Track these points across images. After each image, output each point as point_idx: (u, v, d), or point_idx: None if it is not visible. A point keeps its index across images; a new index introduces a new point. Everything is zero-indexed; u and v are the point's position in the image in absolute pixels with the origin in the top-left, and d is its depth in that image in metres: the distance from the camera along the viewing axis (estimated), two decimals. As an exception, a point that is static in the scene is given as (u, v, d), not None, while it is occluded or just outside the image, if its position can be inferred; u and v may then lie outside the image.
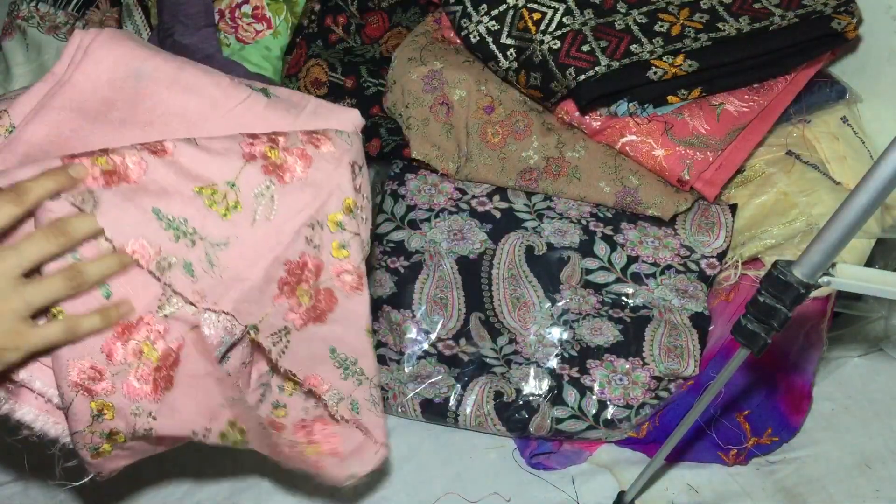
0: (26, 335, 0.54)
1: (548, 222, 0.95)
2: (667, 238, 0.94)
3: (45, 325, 0.55)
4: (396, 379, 0.91)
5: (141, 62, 0.62)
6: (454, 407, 0.89)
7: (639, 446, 0.90)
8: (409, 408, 0.90)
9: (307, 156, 0.62)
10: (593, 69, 0.86)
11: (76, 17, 1.18)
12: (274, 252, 0.61)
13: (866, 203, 0.48)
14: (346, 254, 0.65)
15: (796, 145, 0.98)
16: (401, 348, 0.92)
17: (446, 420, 0.90)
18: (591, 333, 0.89)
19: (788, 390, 0.90)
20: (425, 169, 1.00)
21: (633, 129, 0.92)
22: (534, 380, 0.88)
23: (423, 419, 0.91)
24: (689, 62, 0.86)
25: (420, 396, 0.90)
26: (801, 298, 0.53)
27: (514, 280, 0.92)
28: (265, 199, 0.61)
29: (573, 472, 0.88)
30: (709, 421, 0.88)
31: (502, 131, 0.95)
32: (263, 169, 0.61)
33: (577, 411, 0.86)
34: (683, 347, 0.87)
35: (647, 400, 0.87)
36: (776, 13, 0.88)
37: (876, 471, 0.89)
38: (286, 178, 0.61)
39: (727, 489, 0.87)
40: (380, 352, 0.93)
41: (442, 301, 0.90)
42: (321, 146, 0.63)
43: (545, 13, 0.90)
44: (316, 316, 0.66)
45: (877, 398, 0.97)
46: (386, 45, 1.07)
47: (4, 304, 0.52)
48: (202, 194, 0.59)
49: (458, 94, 0.96)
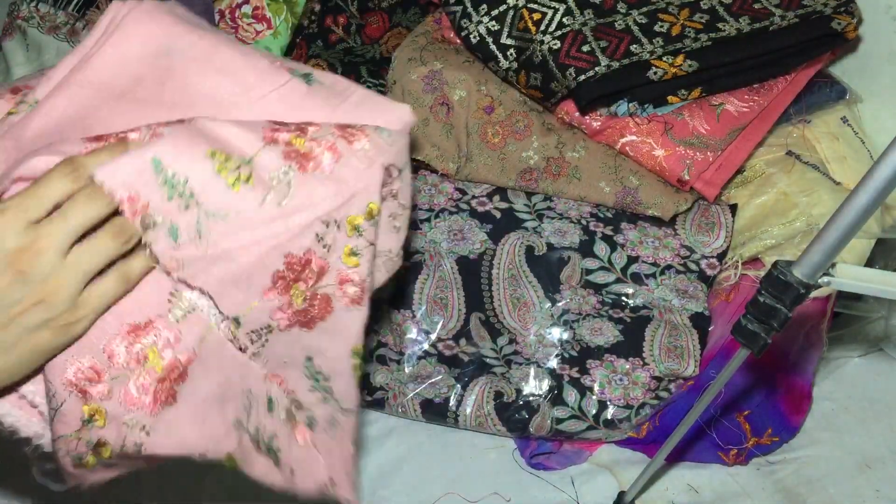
0: (88, 300, 0.52)
1: (548, 222, 0.95)
2: (667, 238, 0.94)
3: (100, 282, 0.52)
4: (396, 379, 0.91)
5: (175, 39, 0.58)
6: (454, 407, 0.89)
7: (639, 446, 0.90)
8: (409, 408, 0.90)
9: (337, 150, 0.57)
10: (593, 69, 0.86)
11: (76, 18, 1.18)
12: (276, 240, 0.55)
13: (866, 203, 0.48)
14: (356, 262, 0.58)
15: (796, 145, 0.98)
16: (401, 348, 0.92)
17: (446, 420, 0.90)
18: (592, 333, 0.89)
19: (788, 390, 0.90)
20: (425, 169, 1.00)
21: (633, 129, 0.92)
22: (534, 380, 0.88)
23: (423, 419, 0.92)
24: (689, 62, 0.86)
25: (420, 397, 0.90)
26: (801, 298, 0.53)
27: (515, 280, 0.92)
28: (281, 183, 0.55)
29: (573, 472, 0.88)
30: (709, 421, 0.88)
31: (502, 131, 0.96)
32: (284, 154, 0.56)
33: (577, 411, 0.86)
34: (683, 348, 0.87)
35: (647, 400, 0.87)
36: (776, 13, 0.88)
37: (876, 471, 0.89)
38: (308, 167, 0.56)
39: (727, 489, 0.87)
40: (380, 352, 0.93)
41: (442, 301, 0.90)
42: (354, 142, 0.57)
43: (545, 13, 0.90)
44: (305, 321, 0.60)
45: (877, 398, 0.97)
46: (386, 46, 1.07)
47: (61, 277, 0.50)
48: (214, 158, 0.54)
49: (458, 94, 0.96)
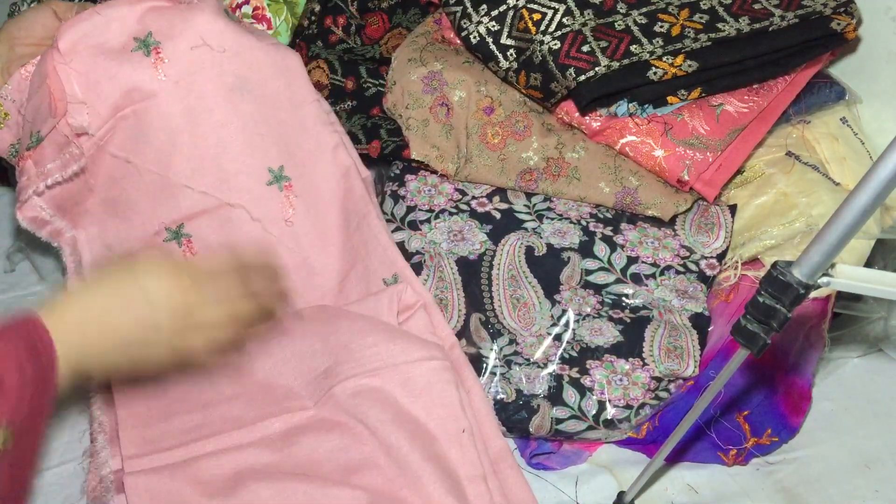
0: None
1: (548, 223, 0.95)
2: (666, 239, 0.94)
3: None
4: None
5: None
6: (454, 407, 0.89)
7: (639, 446, 0.90)
8: (409, 408, 0.90)
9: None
10: (593, 69, 0.86)
11: (76, 18, 1.18)
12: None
13: (866, 203, 0.48)
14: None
15: (796, 146, 0.98)
16: (401, 349, 0.92)
17: (446, 420, 0.90)
18: (591, 334, 0.89)
19: (788, 391, 0.90)
20: (425, 170, 1.00)
21: (632, 129, 0.92)
22: (534, 380, 0.88)
23: (423, 419, 0.92)
24: (689, 62, 0.86)
25: (420, 397, 0.90)
26: (801, 299, 0.53)
27: (515, 281, 0.92)
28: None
29: (573, 472, 0.88)
30: (708, 421, 0.88)
31: (502, 132, 0.96)
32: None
33: (577, 412, 0.86)
34: (683, 348, 0.87)
35: (646, 400, 0.87)
36: (776, 14, 0.88)
37: (876, 471, 0.89)
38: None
39: (727, 489, 0.87)
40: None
41: (442, 302, 0.90)
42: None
43: (545, 14, 0.90)
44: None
45: (877, 398, 0.97)
46: (386, 46, 1.07)
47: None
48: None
49: (457, 94, 0.96)
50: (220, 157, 0.84)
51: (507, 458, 0.81)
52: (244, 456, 0.76)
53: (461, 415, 0.78)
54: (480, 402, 0.83)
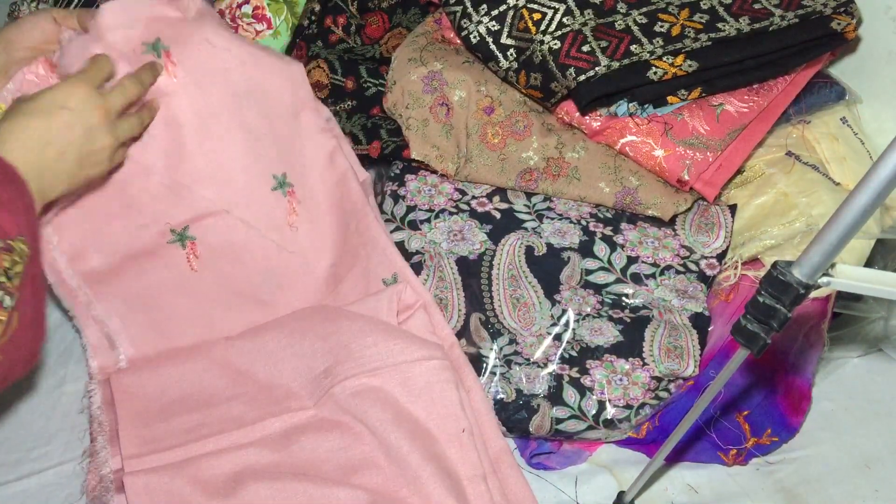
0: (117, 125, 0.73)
1: (548, 223, 0.95)
2: (666, 238, 0.94)
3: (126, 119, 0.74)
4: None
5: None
6: (454, 407, 0.89)
7: (639, 446, 0.90)
8: (409, 408, 0.90)
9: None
10: (593, 69, 0.86)
11: (76, 18, 1.18)
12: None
13: (866, 203, 0.48)
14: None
15: (796, 146, 0.98)
16: (401, 348, 0.92)
17: (446, 420, 0.90)
18: (591, 334, 0.89)
19: (788, 391, 0.90)
20: (425, 170, 1.00)
21: (632, 129, 0.92)
22: (534, 380, 0.88)
23: (423, 419, 0.92)
24: (689, 62, 0.86)
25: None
26: (801, 299, 0.53)
27: (514, 280, 0.92)
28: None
29: (573, 471, 0.88)
30: (708, 421, 0.88)
31: (502, 132, 0.96)
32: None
33: (576, 411, 0.86)
34: (683, 348, 0.87)
35: (646, 400, 0.87)
36: (776, 13, 0.88)
37: (876, 471, 0.89)
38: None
39: (727, 489, 0.87)
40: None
41: (442, 301, 0.90)
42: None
43: (545, 13, 0.90)
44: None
45: (877, 398, 0.97)
46: (386, 46, 1.07)
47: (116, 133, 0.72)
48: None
49: (457, 94, 0.96)
50: (227, 162, 0.84)
51: (507, 457, 0.81)
52: (244, 456, 0.76)
53: (461, 414, 0.78)
54: (480, 402, 0.83)
